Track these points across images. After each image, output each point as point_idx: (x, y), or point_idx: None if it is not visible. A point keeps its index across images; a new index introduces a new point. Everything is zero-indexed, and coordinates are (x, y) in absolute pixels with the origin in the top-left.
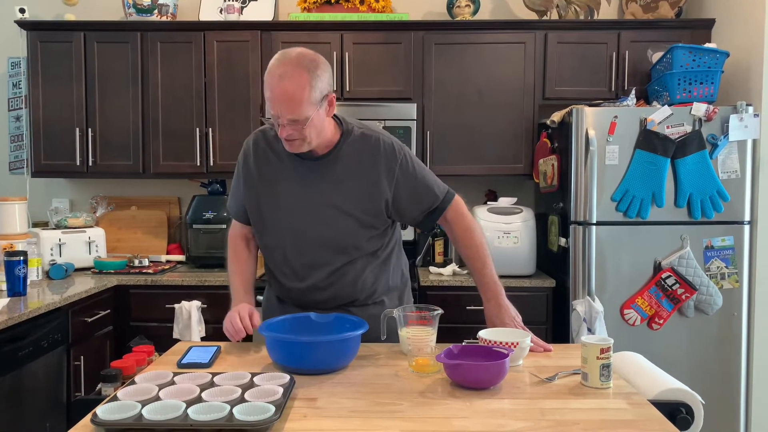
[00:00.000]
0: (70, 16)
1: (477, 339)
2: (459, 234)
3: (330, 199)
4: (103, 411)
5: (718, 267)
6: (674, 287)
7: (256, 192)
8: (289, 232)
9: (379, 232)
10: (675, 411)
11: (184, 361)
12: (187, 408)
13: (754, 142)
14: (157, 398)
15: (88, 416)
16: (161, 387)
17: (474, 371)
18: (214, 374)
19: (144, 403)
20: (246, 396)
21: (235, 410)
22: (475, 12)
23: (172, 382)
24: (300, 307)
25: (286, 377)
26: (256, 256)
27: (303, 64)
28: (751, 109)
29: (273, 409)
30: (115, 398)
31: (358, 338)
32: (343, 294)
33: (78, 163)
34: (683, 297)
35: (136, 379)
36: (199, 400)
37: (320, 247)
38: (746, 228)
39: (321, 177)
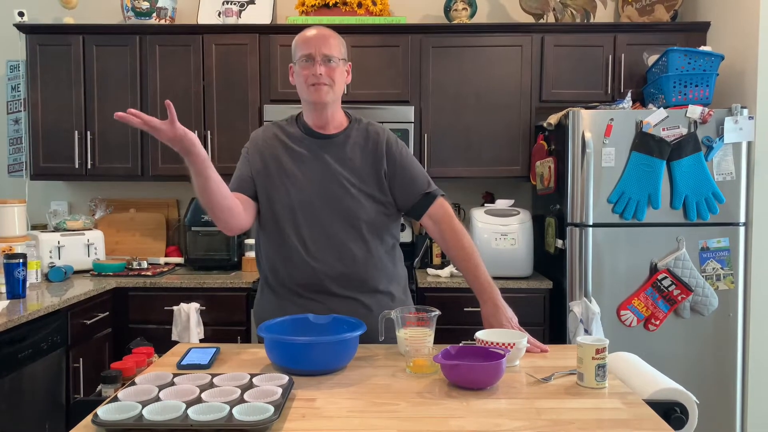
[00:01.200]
0: (68, 20)
1: (474, 340)
2: (449, 235)
3: (340, 172)
4: (103, 411)
5: (713, 268)
6: (670, 288)
7: (268, 168)
8: (301, 203)
9: (387, 211)
10: (669, 410)
11: (184, 362)
12: (187, 408)
13: (749, 144)
14: (157, 399)
15: (89, 417)
16: (161, 388)
17: (471, 372)
18: (213, 375)
19: (144, 404)
20: (245, 396)
21: (234, 411)
22: (472, 15)
23: (172, 383)
24: (302, 298)
25: (285, 378)
26: (239, 206)
27: (331, 29)
28: (745, 111)
29: (272, 409)
30: (115, 399)
31: (356, 339)
32: (354, 275)
33: (77, 166)
34: (679, 298)
35: (137, 380)
36: (198, 400)
37: (332, 220)
38: (741, 229)
39: (332, 153)
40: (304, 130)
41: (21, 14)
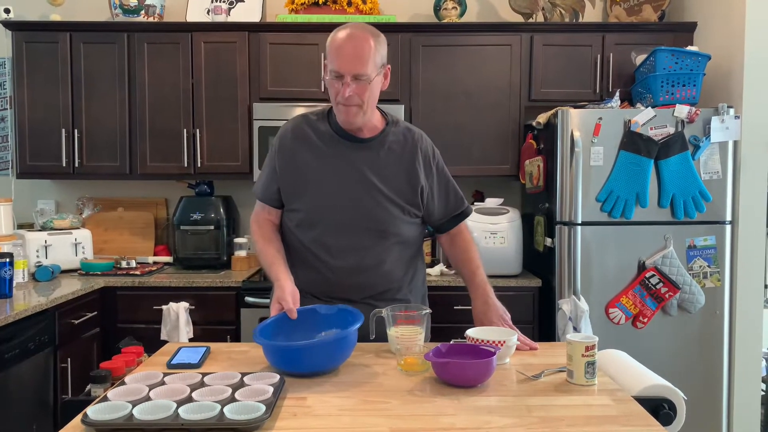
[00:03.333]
0: (55, 17)
1: (465, 338)
2: (464, 245)
3: (372, 181)
4: (93, 411)
5: (700, 266)
6: (658, 286)
7: (296, 169)
8: (328, 209)
9: (414, 223)
10: (658, 407)
11: (174, 361)
12: (177, 408)
13: (735, 143)
14: (147, 398)
15: (78, 417)
16: (151, 387)
17: (462, 369)
18: (204, 374)
19: (134, 404)
20: (236, 395)
21: (225, 409)
22: (462, 14)
23: (162, 383)
24: (319, 300)
25: (276, 377)
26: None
27: (368, 29)
28: (732, 111)
29: (263, 408)
30: (105, 399)
31: (354, 336)
32: (376, 285)
33: (64, 164)
34: (667, 296)
35: (126, 379)
36: (189, 399)
37: (358, 227)
38: (728, 228)
39: (365, 160)
40: (336, 130)
41: (7, 11)
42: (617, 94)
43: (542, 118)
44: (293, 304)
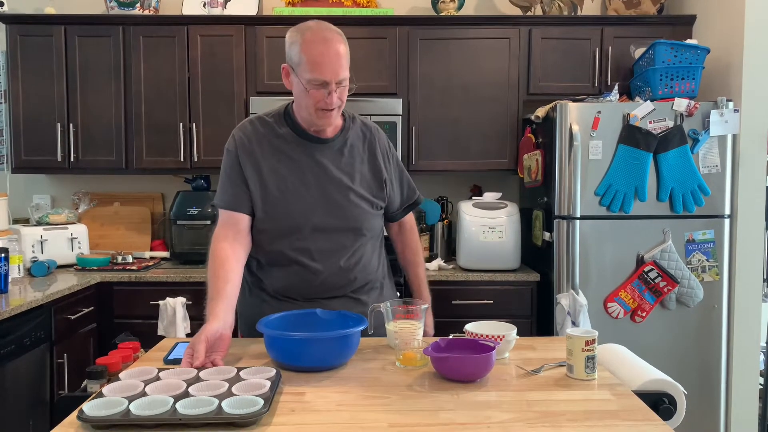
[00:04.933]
0: (50, 10)
1: (464, 332)
2: (409, 237)
3: (342, 180)
4: (89, 407)
5: (699, 260)
6: (656, 280)
7: (263, 176)
8: (303, 213)
9: (379, 215)
10: (658, 401)
11: (171, 357)
12: (175, 403)
13: (734, 137)
14: (143, 394)
15: (74, 413)
16: (147, 383)
17: (461, 364)
18: (199, 369)
19: (130, 399)
20: (233, 390)
21: (223, 404)
22: (460, 7)
23: (158, 378)
24: (305, 302)
25: (272, 371)
26: (244, 262)
27: (332, 28)
28: (731, 104)
29: (261, 402)
30: (100, 395)
31: (356, 338)
32: (356, 277)
33: (59, 159)
34: (665, 290)
35: (121, 375)
36: (186, 395)
37: (336, 228)
38: (726, 222)
39: (331, 159)
40: (298, 132)
41: (1, 4)
42: (616, 87)
43: (541, 111)
44: (202, 354)
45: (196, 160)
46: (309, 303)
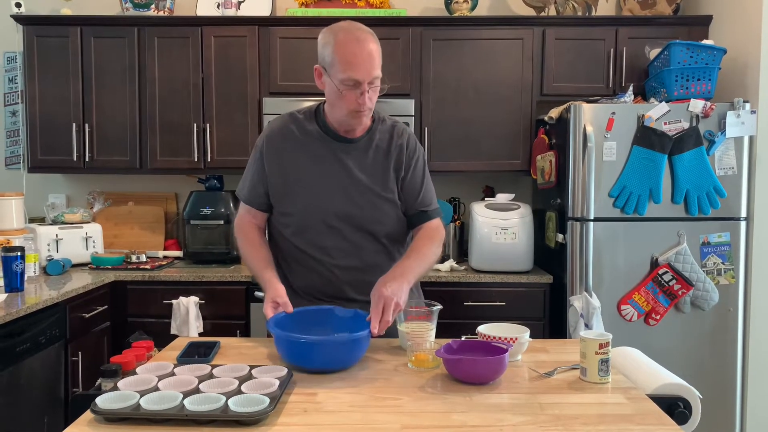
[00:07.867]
0: (66, 11)
1: (476, 334)
2: (421, 238)
3: (362, 181)
4: (102, 400)
5: (714, 263)
6: (671, 283)
7: (286, 171)
8: (322, 211)
9: (402, 217)
10: (673, 405)
11: (184, 356)
12: (183, 399)
13: (751, 138)
14: (156, 389)
15: (88, 410)
16: (161, 378)
17: (474, 366)
18: (213, 366)
19: (142, 393)
20: (242, 388)
21: (230, 401)
22: (473, 8)
23: (172, 374)
24: (320, 301)
25: (284, 370)
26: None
27: (364, 28)
28: (747, 105)
29: (267, 401)
30: (115, 388)
31: (365, 340)
32: (375, 280)
33: (75, 159)
34: (680, 293)
35: (138, 369)
36: (196, 391)
37: (354, 229)
38: (743, 224)
39: (355, 160)
40: (326, 131)
41: (18, 5)
42: (630, 88)
43: (554, 112)
44: (289, 303)
45: (209, 160)
46: (332, 300)
